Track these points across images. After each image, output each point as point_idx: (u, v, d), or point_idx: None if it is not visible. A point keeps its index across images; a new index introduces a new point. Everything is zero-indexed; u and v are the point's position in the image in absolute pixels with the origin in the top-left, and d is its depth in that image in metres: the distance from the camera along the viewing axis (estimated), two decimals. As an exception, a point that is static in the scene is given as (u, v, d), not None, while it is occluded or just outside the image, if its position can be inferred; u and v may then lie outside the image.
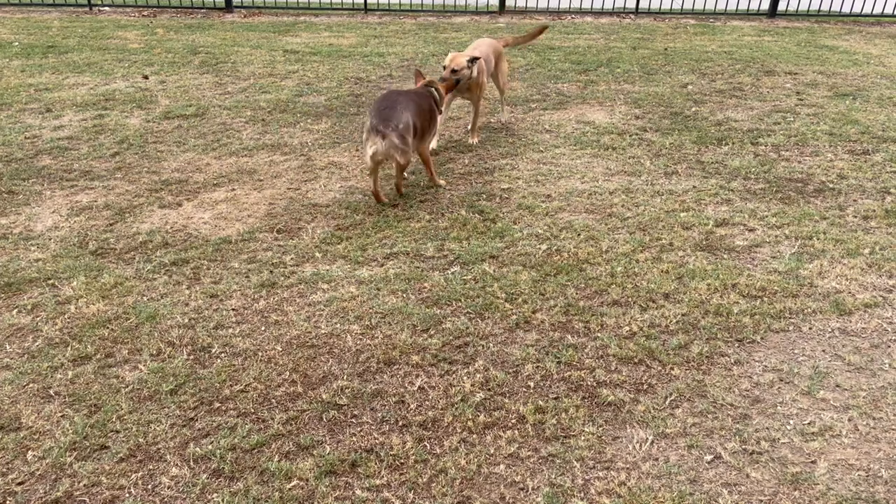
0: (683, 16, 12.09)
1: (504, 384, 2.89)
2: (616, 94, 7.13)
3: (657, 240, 4.08)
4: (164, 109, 6.44)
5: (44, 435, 2.62)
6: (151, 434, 2.62)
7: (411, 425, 2.68)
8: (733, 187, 4.83)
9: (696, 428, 2.66)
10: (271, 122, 6.16)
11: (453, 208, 4.52)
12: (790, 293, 3.53)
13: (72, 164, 5.17)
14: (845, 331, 3.25)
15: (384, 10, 11.94)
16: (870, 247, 3.97)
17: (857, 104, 6.75)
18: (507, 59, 6.22)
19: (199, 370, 2.97)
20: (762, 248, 4.00)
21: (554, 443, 2.59)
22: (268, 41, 9.52)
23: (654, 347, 3.10)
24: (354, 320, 3.32)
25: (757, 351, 3.11)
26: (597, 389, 2.86)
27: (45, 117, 6.20)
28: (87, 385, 2.88)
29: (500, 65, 5.93)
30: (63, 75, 7.57)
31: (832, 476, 2.44)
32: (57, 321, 3.30)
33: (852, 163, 5.24)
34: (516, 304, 3.45)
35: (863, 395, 2.83)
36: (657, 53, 9.05)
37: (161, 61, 8.26)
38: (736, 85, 7.50)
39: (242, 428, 2.65)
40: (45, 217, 4.36)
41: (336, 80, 7.58)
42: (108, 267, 3.77)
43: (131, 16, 11.28)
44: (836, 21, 11.89)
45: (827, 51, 9.35)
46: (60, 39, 9.27)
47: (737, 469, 2.47)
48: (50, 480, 2.43)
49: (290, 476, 2.43)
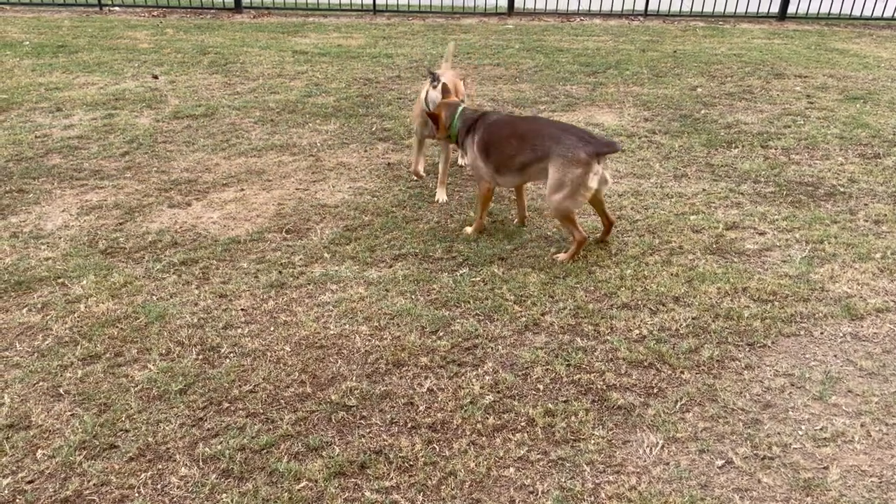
0: (692, 18, 12.06)
1: (513, 387, 2.88)
2: (625, 96, 7.11)
3: (667, 242, 4.06)
4: (174, 109, 6.46)
5: (53, 434, 2.62)
6: (161, 434, 2.62)
7: (420, 427, 2.67)
8: (743, 190, 4.81)
9: (706, 432, 2.64)
10: (280, 123, 6.17)
11: (461, 210, 4.52)
12: (801, 297, 3.50)
13: (82, 164, 5.18)
14: (857, 335, 3.22)
15: (393, 11, 11.95)
16: (881, 251, 3.95)
17: (867, 107, 6.72)
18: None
19: (209, 370, 2.97)
20: (773, 251, 3.98)
21: (563, 446, 2.58)
22: (277, 42, 9.54)
23: (664, 351, 3.08)
24: (363, 321, 3.32)
25: (768, 355, 3.09)
26: (606, 393, 2.84)
27: (55, 116, 6.22)
28: (96, 384, 2.88)
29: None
30: (73, 75, 7.60)
31: (845, 482, 2.42)
32: (66, 320, 3.30)
33: (863, 166, 5.21)
34: (525, 306, 3.44)
35: (875, 400, 2.81)
36: (666, 56, 9.03)
37: (171, 61, 8.28)
38: (745, 88, 7.47)
39: (251, 428, 2.65)
40: (55, 216, 4.37)
41: (345, 80, 7.59)
42: (118, 266, 3.78)
43: (141, 16, 11.33)
44: (847, 24, 11.84)
45: (837, 54, 9.31)
46: (71, 39, 9.32)
47: (748, 474, 2.46)
48: (59, 479, 2.43)
49: (299, 477, 2.43)
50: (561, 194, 3.72)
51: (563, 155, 3.69)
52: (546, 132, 3.80)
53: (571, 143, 3.70)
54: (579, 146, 3.68)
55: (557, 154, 3.71)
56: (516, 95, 7.09)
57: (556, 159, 3.71)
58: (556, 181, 3.72)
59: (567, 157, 3.68)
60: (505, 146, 3.89)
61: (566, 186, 3.70)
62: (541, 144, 3.77)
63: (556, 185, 3.73)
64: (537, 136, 3.80)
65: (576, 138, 3.72)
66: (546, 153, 3.75)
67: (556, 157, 3.71)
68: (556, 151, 3.71)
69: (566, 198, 3.73)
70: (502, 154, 3.90)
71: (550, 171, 3.75)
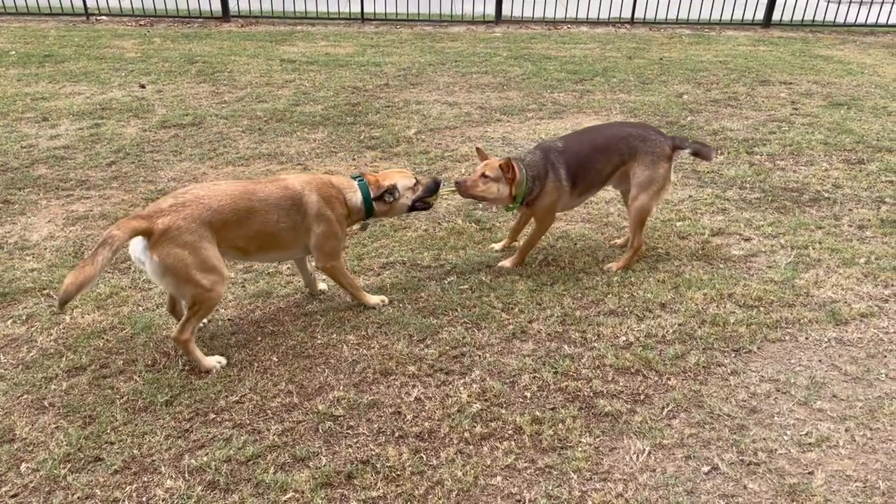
0: (678, 25, 12.15)
1: (501, 395, 2.88)
2: (612, 103, 7.15)
3: (653, 249, 4.08)
4: (161, 118, 6.44)
5: (38, 447, 2.60)
6: (146, 446, 2.61)
7: (408, 436, 2.66)
8: (729, 196, 4.84)
9: (693, 439, 2.65)
10: (268, 131, 6.16)
11: (450, 218, 4.52)
12: (786, 303, 3.53)
13: (68, 174, 5.16)
14: (842, 341, 3.25)
15: (381, 19, 11.97)
16: (865, 256, 3.98)
17: (851, 113, 6.78)
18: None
19: (195, 381, 2.96)
20: (758, 257, 4.01)
21: (551, 454, 2.58)
22: (265, 50, 9.54)
23: (650, 357, 3.09)
24: (350, 330, 3.31)
25: (753, 361, 3.10)
26: (594, 400, 2.85)
27: (41, 126, 6.19)
28: (81, 396, 2.86)
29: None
30: (60, 84, 7.57)
31: (829, 487, 2.44)
32: (52, 331, 3.28)
33: (847, 172, 5.26)
34: (513, 313, 3.45)
35: (859, 405, 2.83)
36: (652, 63, 9.09)
37: (158, 70, 8.27)
38: (731, 94, 7.53)
39: (238, 439, 2.63)
40: (41, 227, 4.35)
41: (333, 89, 7.60)
42: (104, 277, 3.76)
43: (128, 25, 11.30)
44: (831, 31, 11.96)
45: (821, 60, 9.40)
46: (57, 49, 9.28)
47: (734, 480, 2.47)
48: (44, 493, 2.41)
49: (285, 488, 2.42)
50: (649, 192, 3.76)
51: (651, 152, 3.75)
52: (627, 133, 3.84)
53: (657, 138, 3.77)
54: (664, 140, 3.77)
55: (645, 152, 3.75)
56: (504, 103, 7.11)
57: (643, 157, 3.75)
58: (648, 178, 3.76)
59: (655, 154, 3.74)
60: (593, 164, 3.80)
61: (655, 183, 3.76)
62: (626, 146, 3.79)
63: (646, 182, 3.76)
64: (621, 140, 3.81)
65: (656, 132, 3.81)
66: (633, 152, 3.77)
67: (644, 154, 3.75)
68: (643, 149, 3.76)
69: (654, 195, 3.78)
70: (591, 172, 3.80)
71: (638, 170, 3.77)
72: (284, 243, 3.22)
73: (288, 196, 3.17)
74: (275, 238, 3.16)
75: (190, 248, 2.84)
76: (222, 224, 2.96)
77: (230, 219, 2.99)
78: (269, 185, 3.18)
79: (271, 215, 3.10)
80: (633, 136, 3.79)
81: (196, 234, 2.86)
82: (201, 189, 3.01)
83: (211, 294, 2.92)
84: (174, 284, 2.89)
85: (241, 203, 3.03)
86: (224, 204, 2.98)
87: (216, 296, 2.95)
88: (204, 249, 2.88)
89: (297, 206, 3.18)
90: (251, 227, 3.07)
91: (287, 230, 3.18)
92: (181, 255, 2.82)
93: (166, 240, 2.80)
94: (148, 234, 2.80)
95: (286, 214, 3.15)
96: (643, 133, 3.81)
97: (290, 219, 3.17)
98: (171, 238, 2.80)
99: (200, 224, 2.89)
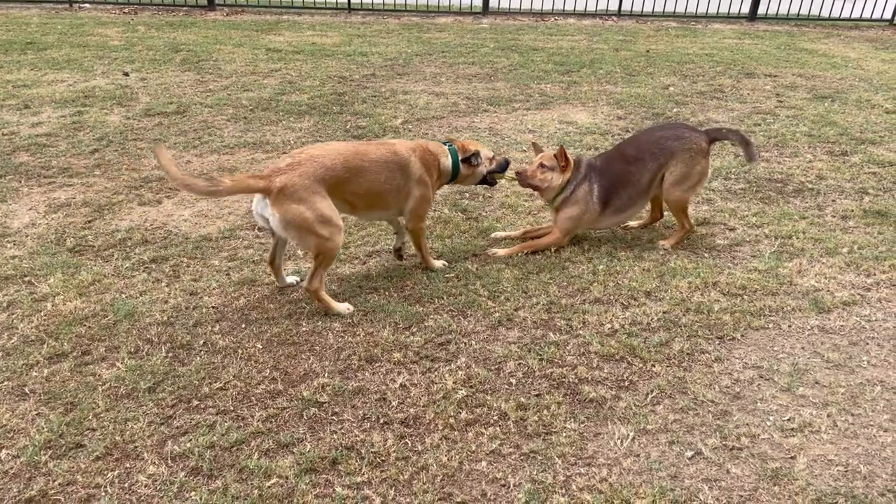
0: (665, 18, 12.18)
1: (486, 381, 2.88)
2: (599, 94, 7.16)
3: (639, 238, 4.09)
4: (145, 107, 6.38)
5: (18, 433, 2.57)
6: (129, 432, 2.58)
7: (393, 423, 2.66)
8: (714, 187, 4.86)
9: (676, 424, 2.67)
10: (253, 120, 6.12)
11: (437, 206, 4.51)
12: (770, 291, 3.55)
13: (50, 161, 5.10)
14: (824, 328, 3.27)
15: (368, 9, 11.91)
16: (848, 246, 4.01)
17: (835, 106, 6.83)
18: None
19: (178, 368, 2.93)
20: (742, 246, 4.03)
21: (535, 439, 2.58)
22: (250, 39, 9.46)
23: (635, 345, 3.11)
24: (336, 318, 3.30)
25: (737, 348, 3.12)
26: (578, 386, 2.86)
27: (23, 114, 6.11)
28: (63, 383, 2.83)
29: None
30: (42, 72, 7.48)
31: (811, 471, 2.46)
32: (33, 318, 3.24)
33: (831, 164, 5.30)
34: (499, 301, 3.44)
35: (841, 391, 2.85)
36: (639, 55, 9.11)
37: (142, 59, 8.18)
38: (717, 87, 7.56)
39: (221, 426, 2.62)
40: (23, 214, 4.29)
41: (319, 78, 7.55)
42: (86, 264, 3.72)
43: (112, 13, 11.17)
44: (816, 24, 12.03)
45: (806, 54, 9.45)
46: (40, 36, 9.16)
47: (717, 465, 2.48)
48: (24, 479, 2.38)
49: (269, 474, 2.41)
50: (683, 187, 3.85)
51: (688, 149, 3.80)
52: (658, 136, 3.90)
53: (690, 135, 3.83)
54: (699, 136, 3.83)
55: (682, 149, 3.80)
56: (491, 94, 7.10)
57: (681, 155, 3.81)
58: (683, 174, 3.82)
59: (692, 150, 3.80)
60: (628, 178, 3.87)
61: (691, 178, 3.84)
62: (660, 149, 3.83)
63: (680, 178, 3.83)
64: (654, 144, 3.87)
65: (689, 129, 3.87)
66: (671, 153, 3.82)
67: (681, 152, 3.81)
68: (678, 148, 3.81)
69: (689, 189, 3.88)
70: (626, 187, 3.87)
71: (674, 168, 3.83)
72: (386, 203, 3.48)
73: (395, 160, 3.43)
74: (380, 197, 3.42)
75: (307, 203, 3.09)
76: (335, 180, 3.22)
77: (342, 175, 3.24)
78: (380, 148, 3.44)
79: (380, 175, 3.37)
80: (666, 138, 3.87)
81: (311, 190, 3.12)
82: (316, 149, 3.29)
83: (330, 243, 3.17)
84: (297, 237, 3.15)
85: (353, 161, 3.29)
86: (337, 162, 3.23)
87: (335, 245, 3.21)
88: (319, 203, 3.13)
89: (403, 170, 3.45)
90: (361, 185, 3.33)
91: (391, 191, 3.44)
92: (299, 209, 3.08)
93: (284, 196, 3.06)
94: (267, 192, 3.06)
95: (392, 177, 3.41)
96: (676, 132, 3.89)
97: (395, 181, 3.43)
98: (288, 195, 3.06)
99: (315, 180, 3.14)
